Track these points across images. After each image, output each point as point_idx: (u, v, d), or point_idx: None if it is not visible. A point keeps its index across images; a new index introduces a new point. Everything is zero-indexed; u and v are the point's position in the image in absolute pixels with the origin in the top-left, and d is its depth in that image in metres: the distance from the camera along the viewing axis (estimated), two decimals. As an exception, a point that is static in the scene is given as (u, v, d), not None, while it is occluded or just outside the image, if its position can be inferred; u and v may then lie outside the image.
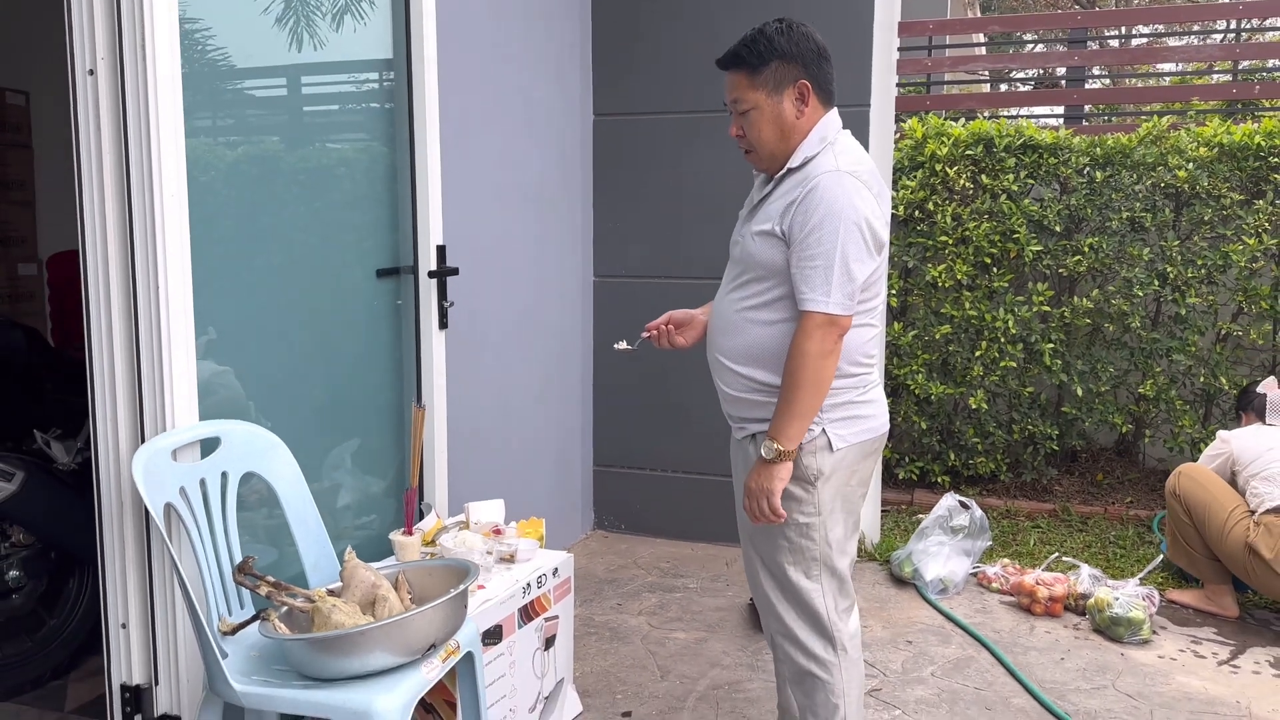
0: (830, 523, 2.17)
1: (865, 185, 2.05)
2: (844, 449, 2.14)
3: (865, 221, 2.02)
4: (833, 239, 1.99)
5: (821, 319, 2.00)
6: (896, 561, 3.95)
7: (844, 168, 2.04)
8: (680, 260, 4.24)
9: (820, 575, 2.19)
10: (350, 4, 2.78)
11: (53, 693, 2.93)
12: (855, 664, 2.25)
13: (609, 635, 3.41)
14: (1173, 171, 4.55)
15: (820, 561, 2.18)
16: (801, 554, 2.18)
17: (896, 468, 4.97)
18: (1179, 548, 3.71)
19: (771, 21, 2.12)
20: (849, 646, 2.23)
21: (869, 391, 2.20)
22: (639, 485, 4.45)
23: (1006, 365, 4.67)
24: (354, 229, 2.82)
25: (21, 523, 2.87)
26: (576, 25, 4.18)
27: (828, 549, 2.18)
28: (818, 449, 2.12)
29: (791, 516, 2.15)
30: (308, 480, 2.36)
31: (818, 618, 2.20)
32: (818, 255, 2.00)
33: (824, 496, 2.15)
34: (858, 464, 2.20)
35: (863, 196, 2.03)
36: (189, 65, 2.31)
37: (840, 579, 2.21)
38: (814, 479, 2.13)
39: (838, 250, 1.99)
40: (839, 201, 2.00)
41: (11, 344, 3.14)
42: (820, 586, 2.19)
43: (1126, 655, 3.29)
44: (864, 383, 2.18)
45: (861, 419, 2.18)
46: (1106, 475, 4.96)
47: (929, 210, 4.77)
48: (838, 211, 1.99)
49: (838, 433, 2.13)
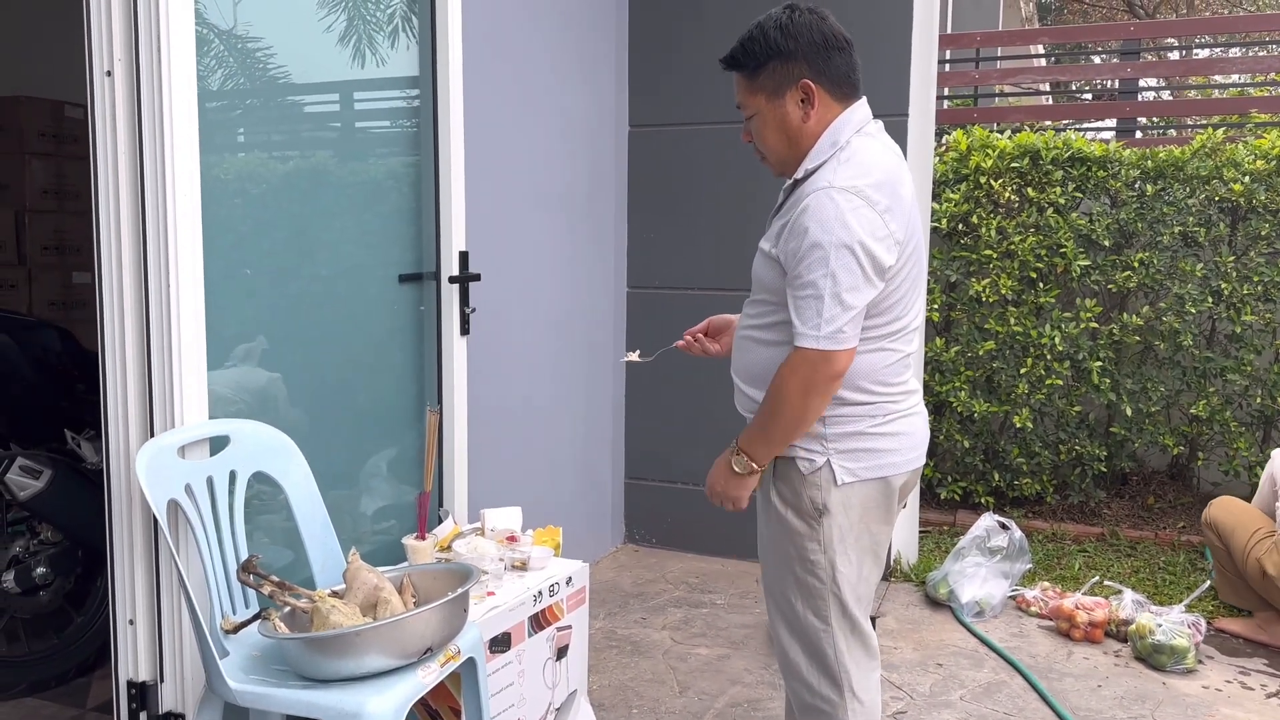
0: (840, 562, 1.97)
1: (867, 202, 1.83)
2: (852, 484, 1.94)
3: (860, 244, 1.80)
4: (822, 266, 1.80)
5: (813, 355, 1.82)
6: (932, 582, 3.84)
7: (839, 183, 1.83)
8: (715, 272, 4.20)
9: (830, 616, 1.99)
10: (378, 16, 2.80)
11: (77, 689, 2.97)
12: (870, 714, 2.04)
13: (630, 649, 3.36)
14: (1228, 185, 4.40)
15: (828, 600, 1.98)
16: (809, 591, 1.99)
17: (939, 487, 4.85)
18: (1224, 580, 3.59)
19: (775, 12, 1.93)
20: (864, 700, 2.01)
21: (890, 422, 1.97)
22: (670, 499, 4.40)
23: (1053, 383, 4.54)
24: (377, 234, 2.83)
25: (49, 520, 2.93)
26: (612, 36, 4.18)
27: (836, 588, 1.97)
28: (822, 482, 1.94)
29: (796, 552, 1.98)
30: (328, 484, 2.36)
31: (824, 659, 2.01)
32: (807, 285, 1.82)
33: (830, 534, 1.95)
34: (875, 503, 1.98)
35: (860, 215, 1.81)
36: (218, 78, 2.35)
37: (851, 621, 2.00)
38: (817, 515, 1.95)
39: (828, 279, 1.80)
40: (827, 224, 1.80)
41: (44, 344, 3.22)
42: (830, 629, 1.99)
43: (1169, 685, 3.15)
44: (880, 411, 1.96)
45: (877, 452, 1.96)
46: (1158, 499, 4.79)
47: (973, 224, 4.67)
48: (825, 235, 1.80)
49: (844, 465, 1.94)
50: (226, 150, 2.40)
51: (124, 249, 2.13)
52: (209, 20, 2.30)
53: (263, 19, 2.46)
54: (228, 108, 2.44)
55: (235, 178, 2.41)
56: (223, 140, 2.39)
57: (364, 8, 2.76)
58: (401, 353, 2.93)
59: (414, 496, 2.91)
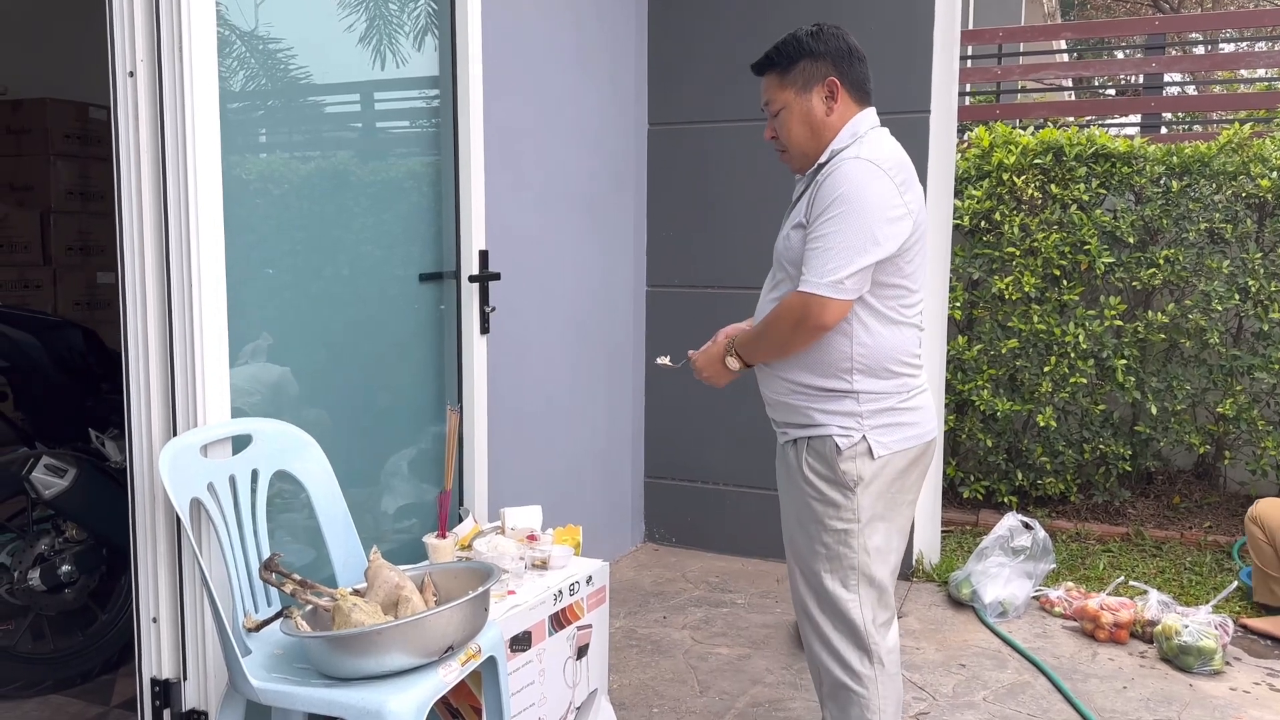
0: (869, 531, 2.13)
1: (886, 174, 2.02)
2: (886, 456, 2.11)
3: (875, 207, 1.99)
4: (838, 222, 1.98)
5: (810, 299, 1.99)
6: (955, 583, 3.81)
7: (865, 155, 2.02)
8: (735, 270, 4.18)
9: (858, 585, 2.14)
10: (398, 16, 2.80)
11: (101, 687, 2.99)
12: (893, 679, 2.18)
13: (651, 648, 3.36)
14: (1255, 181, 4.34)
15: (859, 570, 2.13)
16: (839, 561, 2.13)
17: (961, 486, 4.81)
18: (1262, 579, 3.54)
19: (804, 26, 2.17)
20: (886, 661, 2.17)
21: (914, 397, 2.16)
22: (690, 498, 4.39)
23: (1077, 381, 4.50)
24: (397, 233, 2.84)
25: (74, 518, 2.95)
26: (631, 35, 4.17)
27: (866, 558, 2.13)
28: (858, 454, 2.09)
29: (829, 523, 2.12)
30: (349, 482, 2.37)
31: (855, 629, 2.14)
32: (820, 237, 2.00)
33: (863, 503, 2.11)
34: (902, 472, 2.15)
35: (880, 183, 2.00)
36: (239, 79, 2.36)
37: (879, 589, 2.15)
38: (853, 485, 2.10)
39: (839, 234, 1.97)
40: (850, 186, 1.99)
41: (69, 344, 3.24)
42: (858, 597, 2.14)
43: (1195, 686, 3.11)
44: (906, 386, 2.14)
45: (905, 426, 2.13)
46: (1184, 498, 4.73)
47: (995, 220, 4.63)
48: (847, 195, 1.98)
49: (879, 439, 2.10)
50: (248, 150, 2.41)
51: (147, 249, 2.14)
52: (230, 21, 2.31)
53: (283, 20, 2.47)
54: (249, 108, 2.45)
55: (257, 178, 2.42)
56: (244, 140, 2.40)
57: (384, 8, 2.76)
58: (422, 352, 2.94)
59: (434, 495, 2.91)
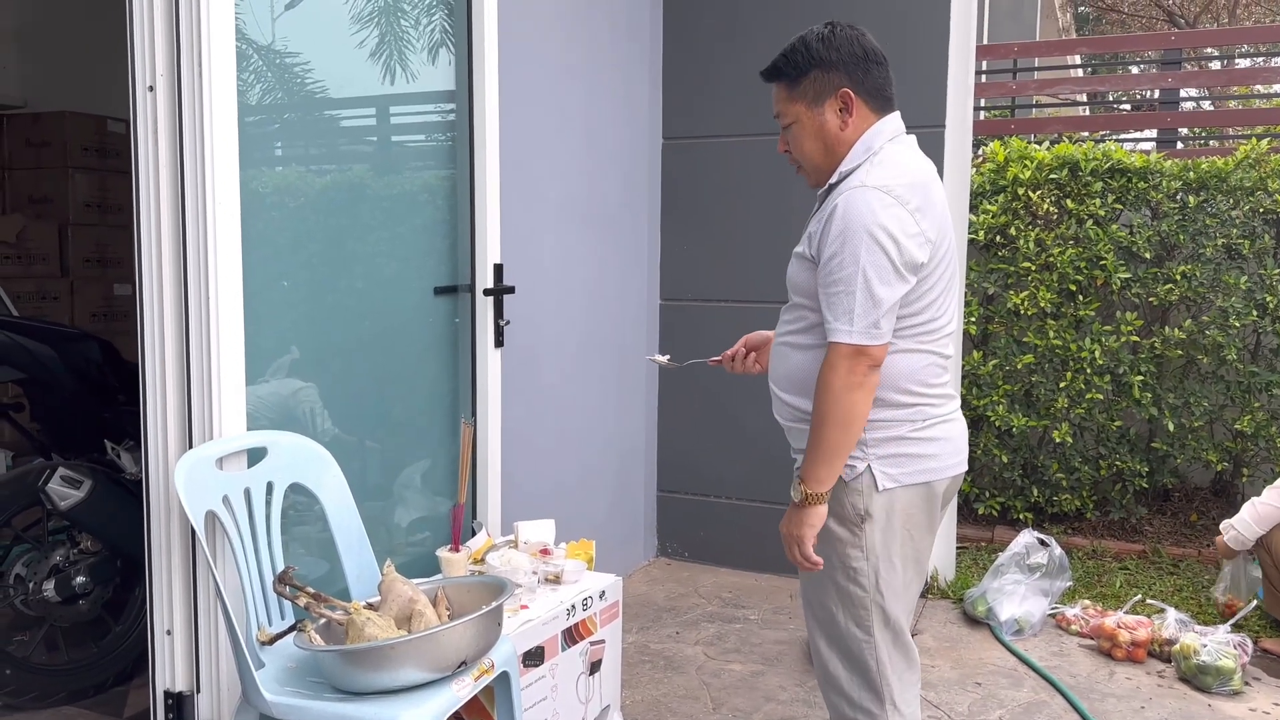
0: (883, 568, 1.96)
1: (898, 201, 1.86)
2: (894, 489, 1.94)
3: (890, 240, 1.83)
4: (854, 262, 1.83)
5: (846, 350, 1.83)
6: (970, 600, 3.79)
7: (871, 183, 1.87)
8: (748, 284, 4.18)
9: (873, 626, 1.97)
10: (414, 31, 2.82)
11: (114, 699, 2.99)
12: None
13: (663, 664, 3.34)
14: (1272, 196, 4.32)
15: (872, 611, 1.97)
16: (850, 600, 1.97)
17: (976, 503, 4.78)
18: (1273, 597, 3.50)
19: (816, 27, 1.98)
20: (906, 713, 2.00)
21: (930, 427, 1.97)
22: (703, 512, 4.37)
23: (1093, 397, 4.47)
24: (412, 247, 2.85)
25: (89, 530, 2.95)
26: (646, 49, 4.19)
27: (879, 597, 1.96)
28: (863, 488, 1.93)
29: (839, 560, 1.97)
30: (363, 495, 2.37)
31: (867, 671, 1.99)
32: (839, 280, 1.84)
33: (873, 540, 1.95)
34: (918, 509, 1.97)
35: (891, 212, 1.84)
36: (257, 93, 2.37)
37: (895, 632, 1.98)
38: (859, 521, 1.94)
39: (859, 274, 1.82)
40: (861, 219, 1.83)
41: (86, 356, 3.25)
42: (873, 639, 1.97)
43: (1214, 707, 3.07)
44: (919, 415, 1.96)
45: (918, 458, 1.96)
46: (1201, 516, 4.69)
47: (1011, 235, 4.62)
48: (857, 230, 1.83)
49: (885, 471, 1.93)
50: (265, 164, 2.42)
51: (164, 261, 2.15)
52: (249, 36, 2.33)
53: (301, 35, 2.49)
54: (267, 122, 2.46)
55: (274, 191, 2.43)
56: (261, 154, 2.41)
57: (400, 23, 2.78)
58: (436, 365, 2.94)
59: (448, 509, 2.91)
